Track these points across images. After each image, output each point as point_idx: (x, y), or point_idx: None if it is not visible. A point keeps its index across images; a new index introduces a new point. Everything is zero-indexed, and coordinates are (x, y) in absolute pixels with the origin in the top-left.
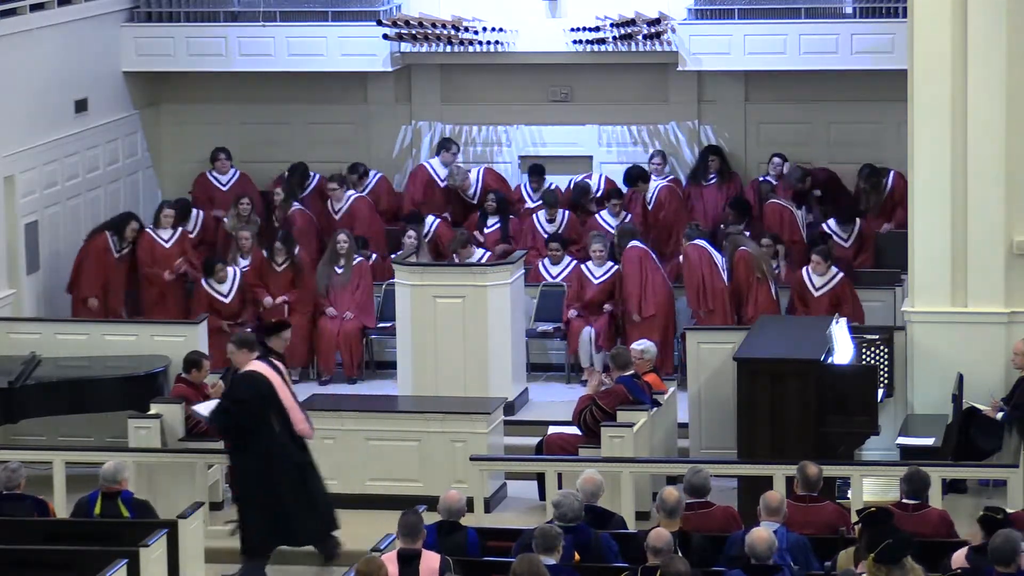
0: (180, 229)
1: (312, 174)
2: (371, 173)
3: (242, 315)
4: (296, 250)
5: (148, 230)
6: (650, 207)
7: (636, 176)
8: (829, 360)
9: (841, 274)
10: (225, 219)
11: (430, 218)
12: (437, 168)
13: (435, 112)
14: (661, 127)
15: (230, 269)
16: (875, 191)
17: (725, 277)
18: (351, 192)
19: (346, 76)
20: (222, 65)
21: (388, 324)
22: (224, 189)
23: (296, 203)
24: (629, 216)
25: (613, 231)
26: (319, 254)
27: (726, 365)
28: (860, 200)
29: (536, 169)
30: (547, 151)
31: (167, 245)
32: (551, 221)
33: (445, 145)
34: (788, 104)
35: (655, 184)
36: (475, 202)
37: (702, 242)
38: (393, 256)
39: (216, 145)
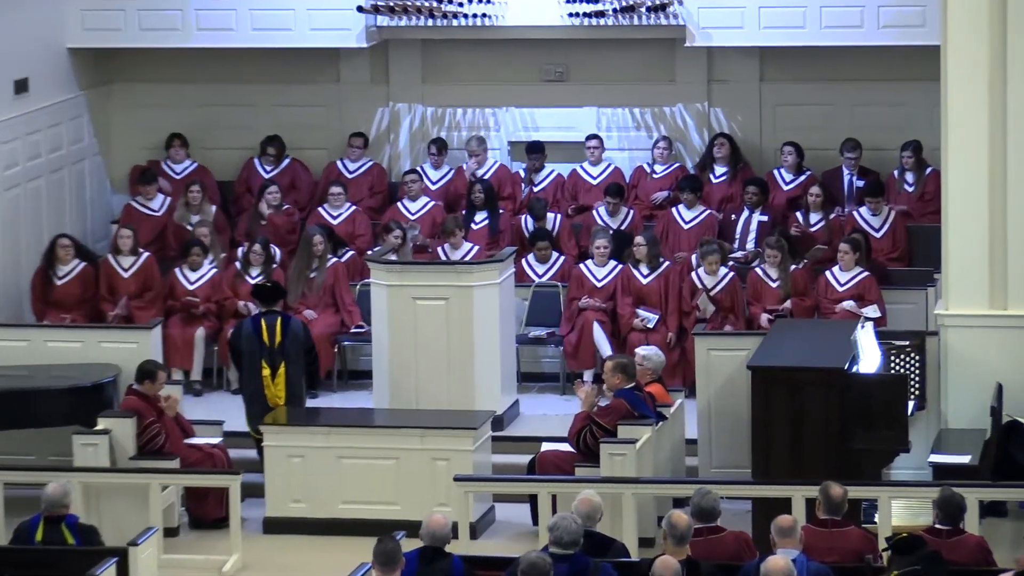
0: (145, 254)
1: (286, 155)
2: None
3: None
4: (277, 256)
5: (108, 256)
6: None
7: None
8: (854, 368)
9: (865, 272)
10: (176, 207)
11: (423, 200)
12: (429, 172)
13: (415, 93)
14: (667, 110)
15: (207, 261)
16: (919, 168)
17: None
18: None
19: (316, 53)
20: (178, 41)
21: (362, 329)
22: (178, 178)
23: (272, 186)
24: (631, 213)
25: (612, 230)
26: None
27: (739, 374)
28: (896, 184)
29: (534, 147)
30: (540, 136)
31: (125, 275)
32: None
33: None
34: (807, 84)
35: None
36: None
37: None
38: (369, 252)
39: (172, 130)
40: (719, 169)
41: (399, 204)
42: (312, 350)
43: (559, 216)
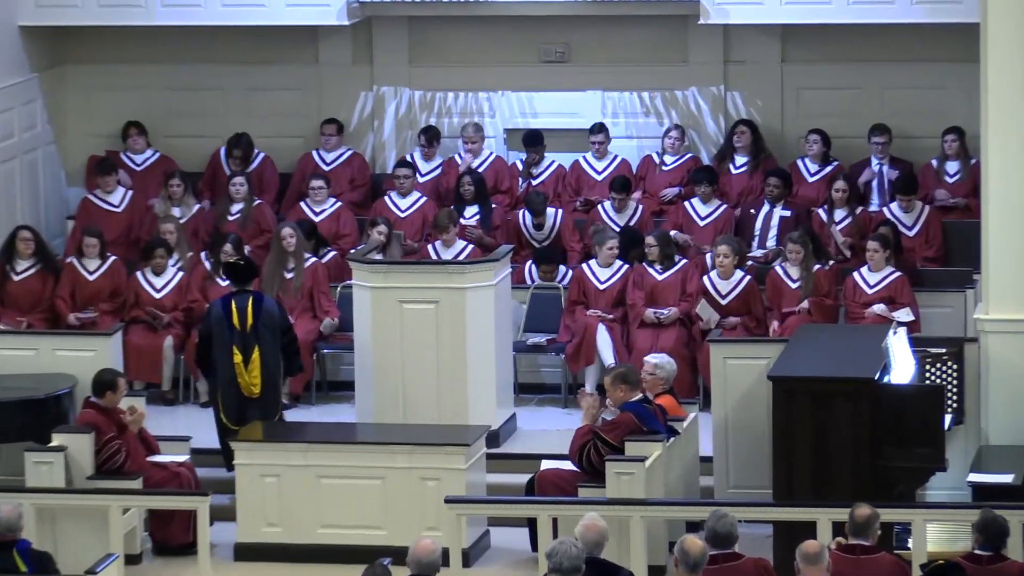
0: (112, 258)
1: (256, 151)
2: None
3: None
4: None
5: (72, 260)
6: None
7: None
8: (885, 379)
9: (897, 272)
10: (155, 203)
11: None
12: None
13: (402, 75)
14: (679, 94)
15: (172, 263)
16: (963, 156)
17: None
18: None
19: (293, 32)
20: (140, 18)
21: (344, 335)
22: (138, 170)
23: (238, 178)
24: (639, 208)
25: (619, 227)
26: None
27: (759, 385)
28: (934, 174)
29: (533, 138)
30: (539, 123)
31: (91, 278)
32: (539, 227)
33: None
34: (834, 66)
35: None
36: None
37: None
38: (352, 251)
39: (133, 116)
40: (739, 159)
41: (386, 199)
42: (289, 330)
43: (559, 212)
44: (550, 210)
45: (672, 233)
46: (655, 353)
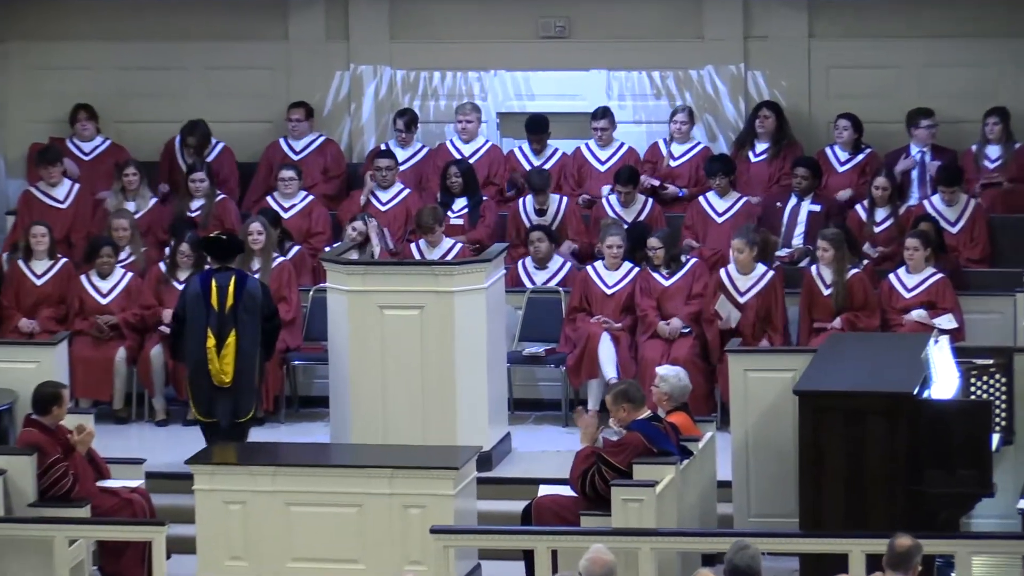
0: (63, 260)
1: (214, 140)
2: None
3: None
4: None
5: (19, 262)
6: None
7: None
8: (925, 393)
9: (938, 274)
10: (107, 197)
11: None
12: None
13: (382, 53)
14: (694, 73)
15: (120, 267)
16: (1007, 139)
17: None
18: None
19: (259, 4)
20: None
21: (317, 345)
22: (87, 159)
23: (199, 172)
24: (649, 202)
25: (626, 224)
26: None
27: (784, 400)
28: (974, 161)
29: (536, 124)
30: (537, 106)
31: (38, 282)
32: (541, 212)
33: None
34: (867, 42)
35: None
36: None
37: None
38: (327, 249)
39: (81, 99)
40: (759, 146)
41: (368, 194)
42: (274, 317)
43: (564, 199)
44: (554, 197)
45: (686, 242)
46: (666, 365)
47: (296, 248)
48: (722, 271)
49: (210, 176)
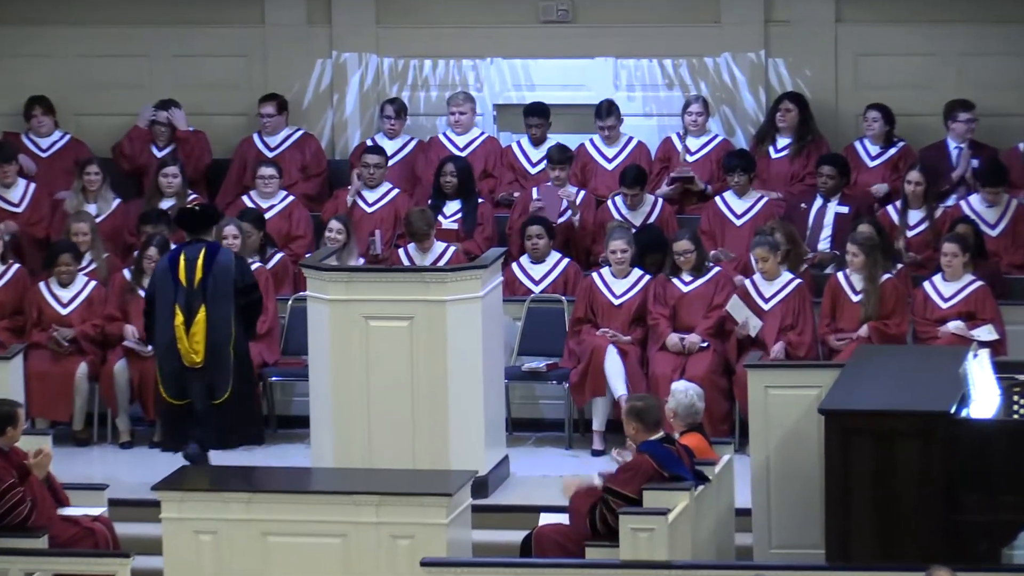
0: (16, 266)
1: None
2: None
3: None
4: None
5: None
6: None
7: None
8: (963, 412)
9: (978, 282)
10: (66, 198)
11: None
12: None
13: (367, 39)
14: (710, 61)
15: (81, 275)
16: None
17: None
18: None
19: None
20: None
21: (296, 360)
22: (45, 156)
23: (171, 167)
24: (659, 203)
25: (633, 228)
26: None
27: (808, 420)
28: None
29: (535, 109)
30: (537, 97)
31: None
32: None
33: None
34: (900, 27)
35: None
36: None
37: None
38: (308, 256)
39: (37, 90)
40: (781, 141)
41: (355, 194)
42: (251, 289)
43: (581, 191)
44: (571, 188)
45: (712, 253)
46: (683, 381)
47: (279, 255)
48: (746, 281)
49: (183, 173)
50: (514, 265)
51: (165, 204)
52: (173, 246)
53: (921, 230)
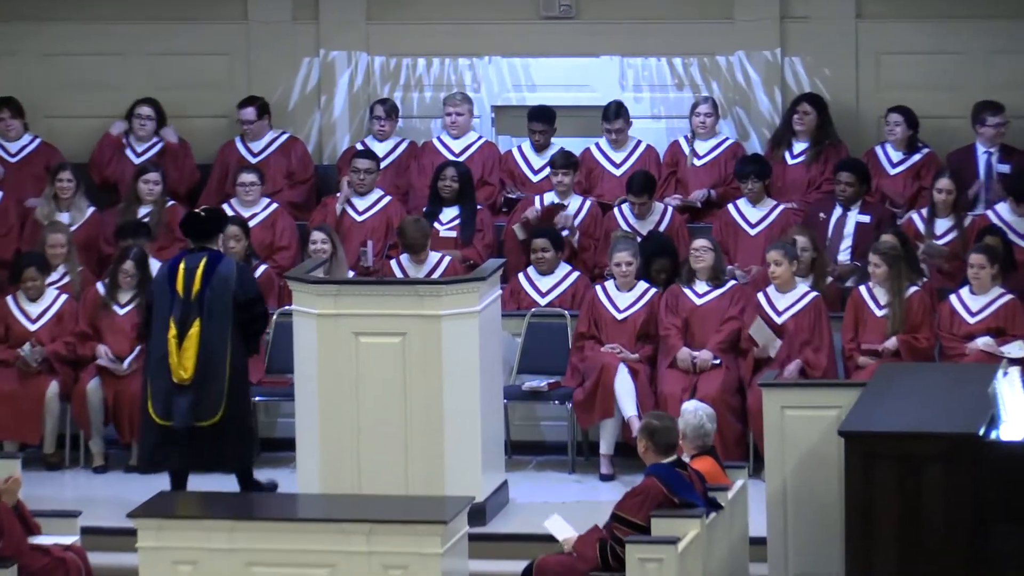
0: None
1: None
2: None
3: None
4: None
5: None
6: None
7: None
8: (992, 435)
9: (1007, 295)
10: (36, 206)
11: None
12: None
13: (357, 36)
14: (722, 60)
15: (52, 289)
16: None
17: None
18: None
19: None
20: None
21: (281, 378)
22: (13, 161)
23: (151, 170)
24: (669, 211)
25: (640, 237)
26: None
27: (827, 443)
28: None
29: (540, 113)
30: (538, 98)
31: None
32: (560, 204)
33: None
34: (925, 24)
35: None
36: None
37: None
38: (294, 268)
39: (4, 90)
40: (797, 146)
41: (344, 202)
42: (256, 303)
43: (588, 201)
44: (577, 198)
45: (728, 268)
46: (694, 401)
47: (263, 267)
48: (759, 294)
49: (164, 179)
50: (520, 276)
51: (143, 211)
52: (154, 258)
53: (948, 240)
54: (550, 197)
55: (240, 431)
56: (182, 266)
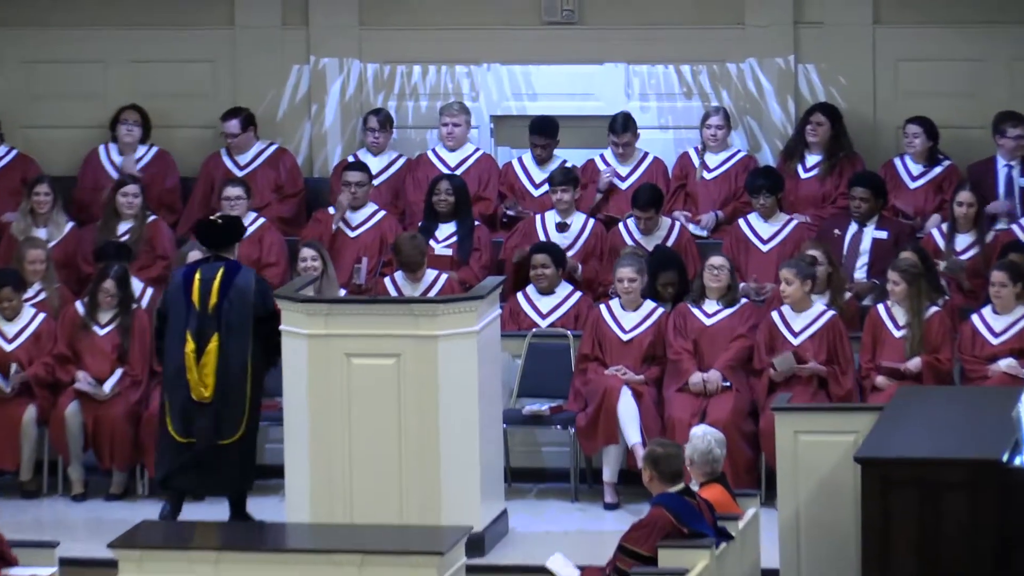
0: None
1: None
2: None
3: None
4: (136, 297)
5: None
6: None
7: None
8: (1016, 461)
9: None
10: (11, 220)
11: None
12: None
13: (349, 43)
14: (732, 68)
15: (29, 307)
16: None
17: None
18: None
19: None
20: None
21: (269, 402)
22: None
23: (130, 184)
24: (676, 227)
25: (646, 253)
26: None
27: (843, 470)
28: None
29: (543, 126)
30: (540, 108)
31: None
32: (562, 229)
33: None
34: (944, 30)
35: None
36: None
37: None
38: (281, 288)
39: None
40: (810, 159)
41: (338, 219)
42: (274, 317)
43: (591, 220)
44: (580, 215)
45: (741, 285)
46: (703, 425)
47: None
48: (773, 313)
49: (144, 193)
50: (519, 295)
51: (123, 227)
52: (135, 278)
53: (970, 256)
54: (552, 217)
55: (246, 451)
56: (197, 276)
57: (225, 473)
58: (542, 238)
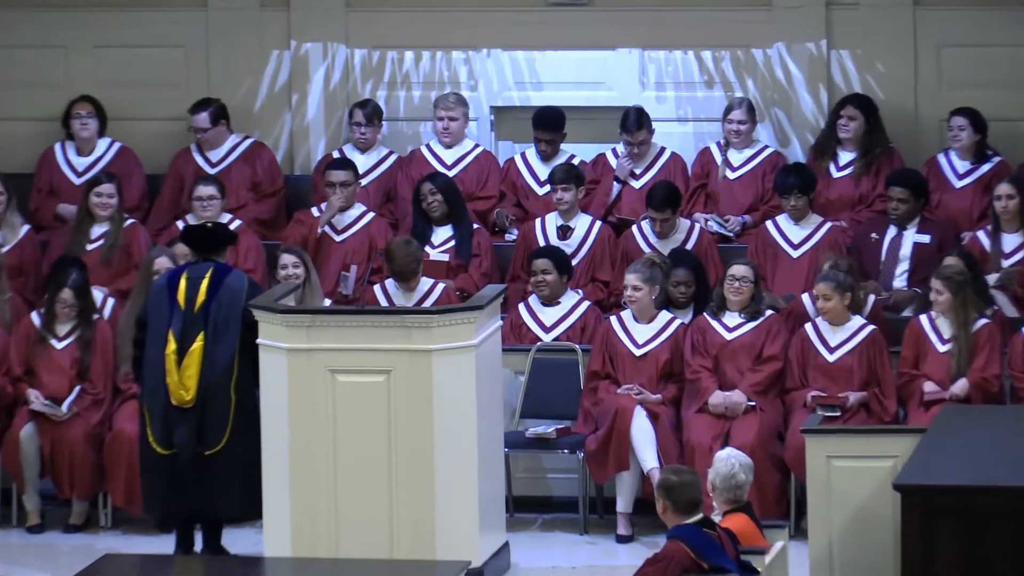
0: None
1: (110, 141)
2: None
3: None
4: (97, 308)
5: None
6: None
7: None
8: None
9: None
10: None
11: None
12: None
13: (334, 27)
14: (758, 53)
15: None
16: None
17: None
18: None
19: None
20: None
21: None
22: None
23: (105, 183)
24: (696, 229)
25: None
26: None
27: (880, 498)
28: None
29: (548, 118)
30: (545, 98)
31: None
32: (564, 233)
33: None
34: (992, 12)
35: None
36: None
37: None
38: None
39: None
40: (844, 156)
41: (324, 222)
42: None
43: (597, 222)
44: (585, 217)
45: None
46: (729, 448)
47: None
48: (807, 326)
49: (120, 193)
50: (521, 306)
51: (97, 231)
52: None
53: (1018, 259)
54: (553, 219)
55: (245, 471)
56: (184, 275)
57: (216, 489)
58: (542, 244)
